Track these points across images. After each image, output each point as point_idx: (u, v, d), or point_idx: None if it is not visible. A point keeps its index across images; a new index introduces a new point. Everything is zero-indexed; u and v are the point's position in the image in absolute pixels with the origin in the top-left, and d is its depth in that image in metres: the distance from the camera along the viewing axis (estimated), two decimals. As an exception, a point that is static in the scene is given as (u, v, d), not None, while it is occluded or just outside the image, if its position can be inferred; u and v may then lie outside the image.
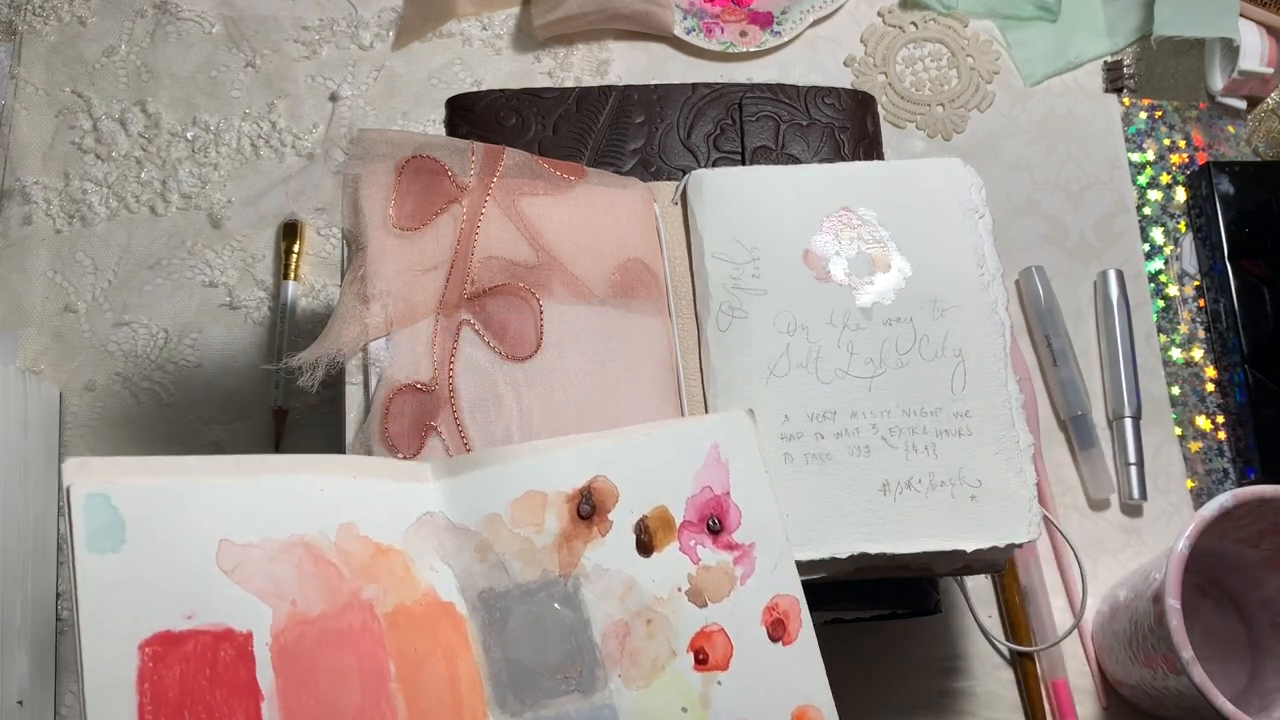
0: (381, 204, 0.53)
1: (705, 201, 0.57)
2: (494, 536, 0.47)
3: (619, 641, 0.46)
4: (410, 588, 0.45)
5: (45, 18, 0.75)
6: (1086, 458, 0.66)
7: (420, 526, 0.46)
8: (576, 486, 0.48)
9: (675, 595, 0.48)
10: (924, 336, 0.54)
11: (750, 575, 0.49)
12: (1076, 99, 0.76)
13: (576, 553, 0.47)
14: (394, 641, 0.43)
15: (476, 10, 0.76)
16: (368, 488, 0.45)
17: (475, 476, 0.47)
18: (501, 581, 0.46)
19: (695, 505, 0.49)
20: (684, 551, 0.48)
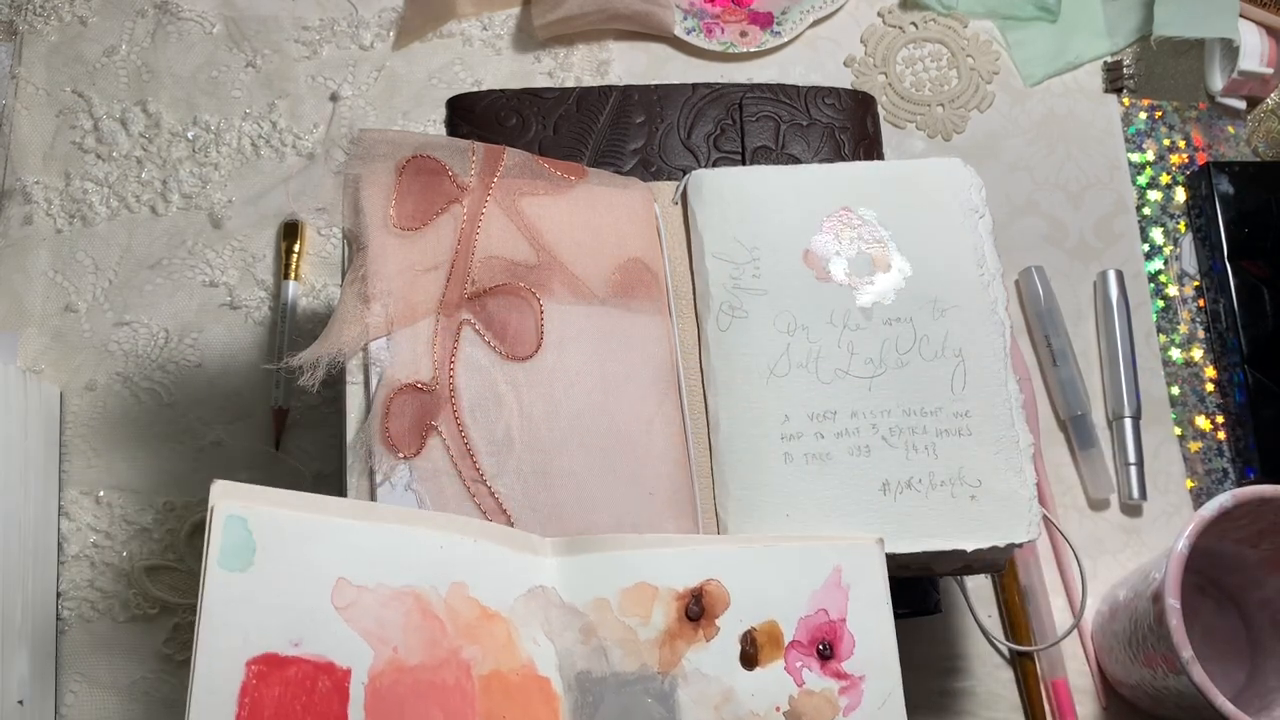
0: (382, 204, 0.53)
1: (705, 201, 0.57)
2: (600, 621, 0.47)
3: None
4: (510, 655, 0.45)
5: (46, 18, 0.75)
6: (1086, 458, 0.66)
7: (530, 598, 0.47)
8: (689, 586, 0.48)
9: (773, 714, 0.47)
10: (924, 336, 0.54)
11: (855, 708, 0.48)
12: (1076, 99, 0.76)
13: (679, 652, 0.47)
14: (484, 704, 0.44)
15: (476, 10, 0.76)
16: (485, 551, 0.46)
17: (592, 559, 0.48)
18: (600, 667, 0.46)
19: (808, 626, 0.48)
20: (789, 671, 0.48)
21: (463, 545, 0.46)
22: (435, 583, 0.45)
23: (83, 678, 0.60)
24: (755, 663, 0.47)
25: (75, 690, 0.60)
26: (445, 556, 0.45)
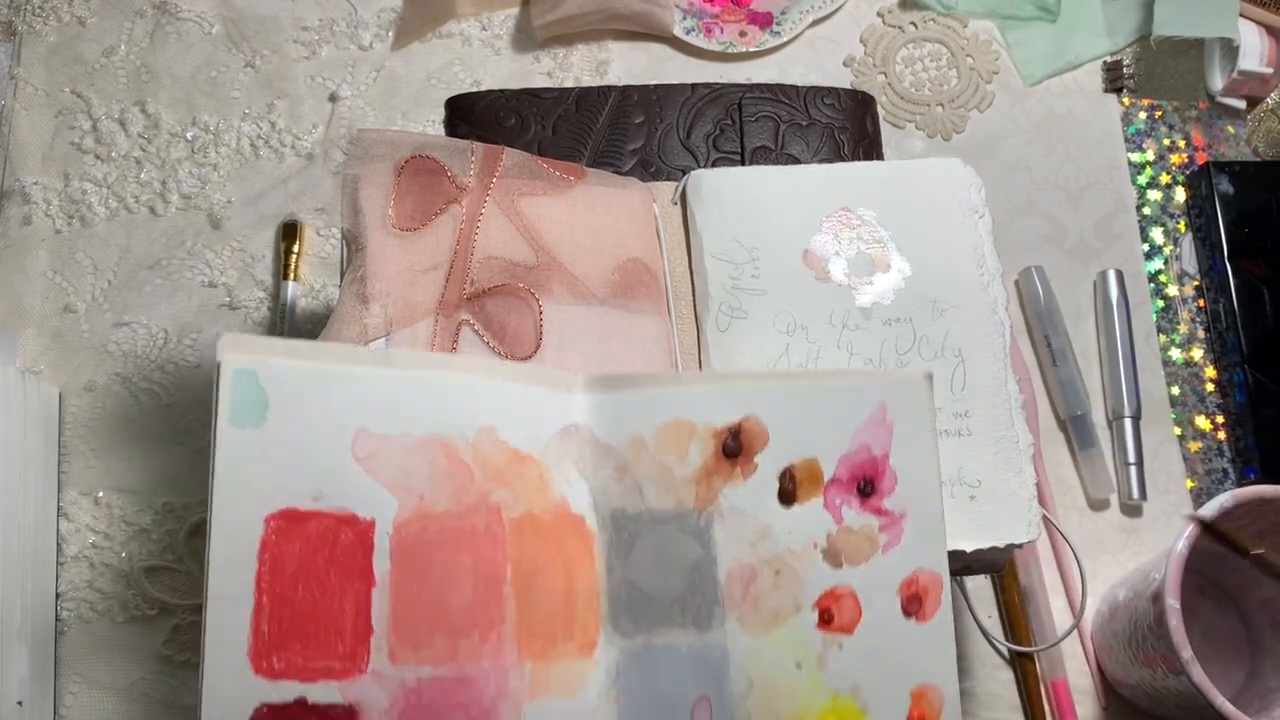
0: (381, 204, 0.53)
1: (705, 201, 0.57)
2: (635, 459, 0.46)
3: (743, 585, 0.46)
4: (542, 496, 0.45)
5: (45, 18, 0.75)
6: (1086, 458, 0.66)
7: (564, 437, 0.46)
8: (727, 423, 0.47)
9: (810, 551, 0.46)
10: (923, 336, 0.54)
11: (894, 545, 0.47)
12: (1076, 99, 0.76)
13: (715, 489, 0.46)
14: (515, 547, 0.43)
15: (476, 10, 0.76)
16: (513, 392, 0.45)
17: (627, 396, 0.47)
18: (635, 504, 0.46)
19: (848, 464, 0.47)
20: (827, 509, 0.47)
21: (490, 388, 0.45)
22: (462, 428, 0.44)
23: (82, 678, 0.60)
24: (794, 500, 0.47)
25: (74, 691, 0.60)
26: (472, 401, 0.44)
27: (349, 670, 0.40)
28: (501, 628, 0.43)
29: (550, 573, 0.44)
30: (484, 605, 0.42)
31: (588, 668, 0.44)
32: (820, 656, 0.46)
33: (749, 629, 0.46)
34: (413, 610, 0.41)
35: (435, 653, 0.41)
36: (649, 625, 0.45)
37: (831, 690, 0.46)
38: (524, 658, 0.43)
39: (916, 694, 0.46)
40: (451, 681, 0.41)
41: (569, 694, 0.44)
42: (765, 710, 0.45)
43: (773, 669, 0.46)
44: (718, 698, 0.45)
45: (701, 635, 0.45)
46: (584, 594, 0.45)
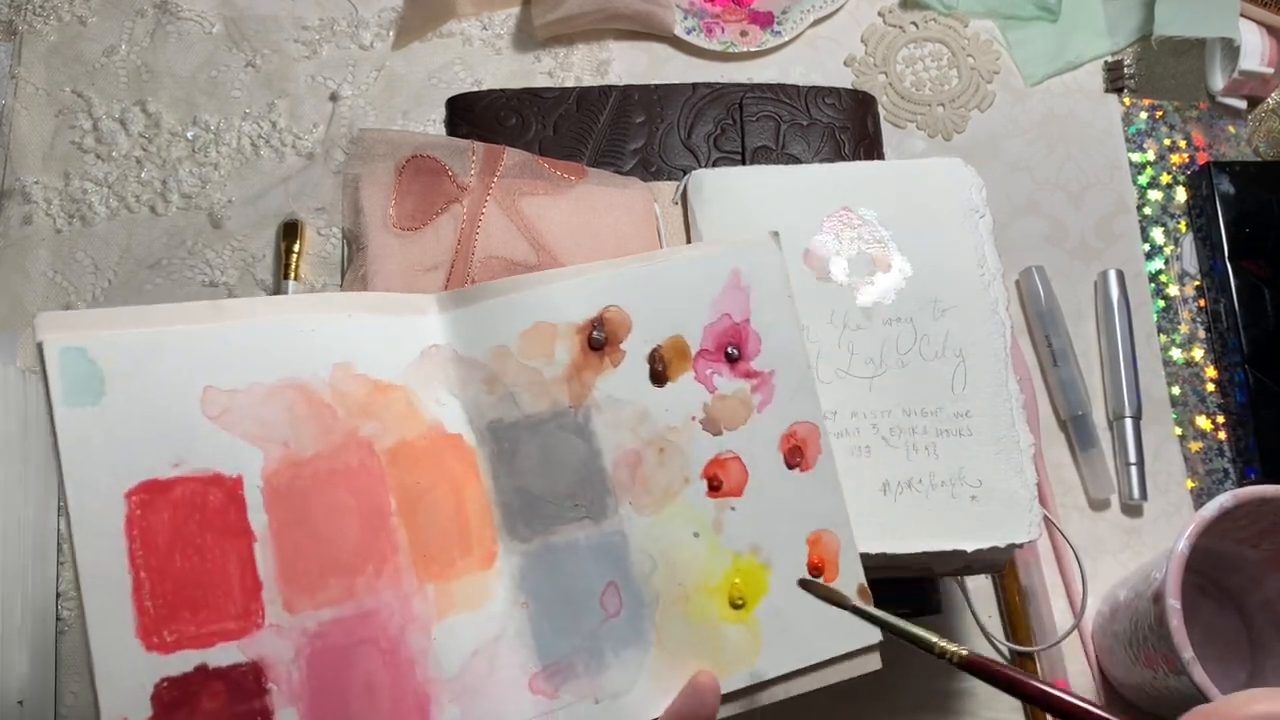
0: (382, 204, 0.53)
1: (705, 201, 0.57)
2: (502, 368, 0.46)
3: (630, 470, 0.47)
4: (413, 422, 0.45)
5: (45, 17, 0.75)
6: (1086, 458, 0.66)
7: (425, 361, 0.46)
8: (588, 317, 0.47)
9: (689, 424, 0.48)
10: (924, 336, 0.54)
11: (768, 403, 0.49)
12: (1077, 99, 0.76)
13: (588, 384, 0.47)
14: (395, 476, 0.43)
15: (476, 10, 0.76)
16: (364, 324, 0.45)
17: (483, 308, 0.47)
18: (510, 413, 0.46)
19: (712, 333, 0.49)
20: (699, 380, 0.48)
21: (337, 324, 0.44)
22: (315, 369, 0.43)
23: (83, 678, 0.60)
24: (666, 378, 0.48)
25: (75, 690, 0.60)
26: (321, 340, 0.44)
27: (246, 628, 0.40)
28: (395, 558, 0.42)
29: (436, 495, 0.44)
30: (373, 539, 0.42)
31: (491, 579, 0.45)
32: (715, 522, 0.47)
33: (643, 510, 0.47)
34: (300, 557, 0.41)
35: (332, 594, 0.41)
36: (545, 526, 0.46)
37: (731, 552, 0.47)
38: (424, 581, 0.43)
39: (812, 540, 0.48)
40: (354, 619, 0.41)
41: (476, 607, 0.44)
42: (671, 583, 0.46)
43: (672, 543, 0.47)
44: (624, 581, 0.46)
45: (598, 525, 0.46)
46: (475, 509, 0.45)
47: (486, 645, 0.44)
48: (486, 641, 0.44)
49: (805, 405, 0.49)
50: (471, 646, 0.43)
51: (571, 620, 0.45)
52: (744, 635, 0.47)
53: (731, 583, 0.47)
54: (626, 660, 0.45)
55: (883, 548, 0.50)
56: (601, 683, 0.45)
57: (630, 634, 0.46)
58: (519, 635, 0.45)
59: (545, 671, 0.44)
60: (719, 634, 0.47)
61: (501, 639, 0.44)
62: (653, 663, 0.45)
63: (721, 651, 0.46)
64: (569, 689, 0.44)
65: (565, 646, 0.45)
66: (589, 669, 0.45)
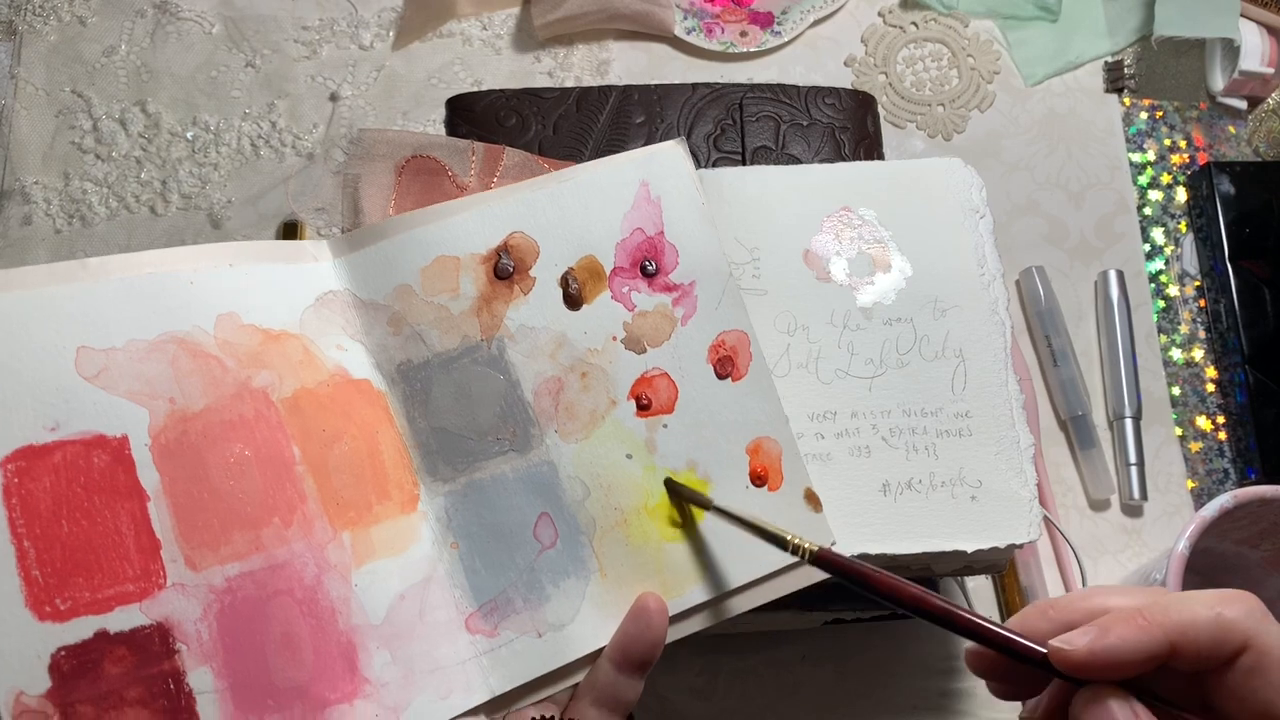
0: (381, 204, 0.53)
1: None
2: (406, 308, 0.45)
3: (552, 398, 0.46)
4: (312, 370, 0.43)
5: (45, 18, 0.75)
6: (1087, 458, 0.66)
7: (321, 307, 0.45)
8: (492, 246, 0.46)
9: (611, 345, 0.47)
10: (924, 336, 0.54)
11: (692, 315, 0.48)
12: (1077, 99, 0.76)
13: (498, 314, 0.46)
14: (297, 425, 0.42)
15: (476, 10, 0.76)
16: (250, 273, 0.44)
17: (379, 248, 0.45)
18: (420, 353, 0.45)
19: (626, 250, 0.47)
20: (617, 299, 0.47)
21: (218, 274, 0.43)
22: (198, 321, 0.42)
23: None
24: (581, 301, 0.47)
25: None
26: (200, 292, 0.42)
27: (147, 589, 0.39)
28: (304, 506, 0.42)
29: (345, 441, 0.43)
30: (277, 489, 0.41)
31: (414, 522, 0.44)
32: (648, 442, 0.46)
33: (570, 437, 0.46)
34: (199, 513, 0.40)
35: (237, 548, 0.40)
36: (468, 464, 0.45)
37: (668, 470, 0.46)
38: (338, 529, 0.42)
39: (752, 449, 0.47)
40: (265, 571, 0.40)
41: (399, 551, 0.43)
42: (607, 508, 0.45)
43: (604, 467, 0.46)
44: (556, 511, 0.45)
45: (524, 457, 0.45)
46: (390, 453, 0.44)
47: (414, 589, 0.43)
48: (414, 585, 0.43)
49: (731, 314, 0.48)
50: (397, 590, 0.43)
51: (505, 556, 0.44)
52: (688, 553, 0.46)
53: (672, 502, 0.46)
54: (567, 590, 0.44)
55: (883, 548, 0.50)
56: (543, 615, 0.44)
57: (569, 563, 0.45)
58: (450, 576, 0.44)
59: (482, 610, 0.44)
60: (662, 554, 0.45)
61: (431, 581, 0.43)
62: (595, 590, 0.45)
63: (666, 571, 0.45)
64: (509, 625, 0.44)
65: (501, 582, 0.44)
66: (528, 602, 0.44)
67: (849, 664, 0.62)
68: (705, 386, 0.47)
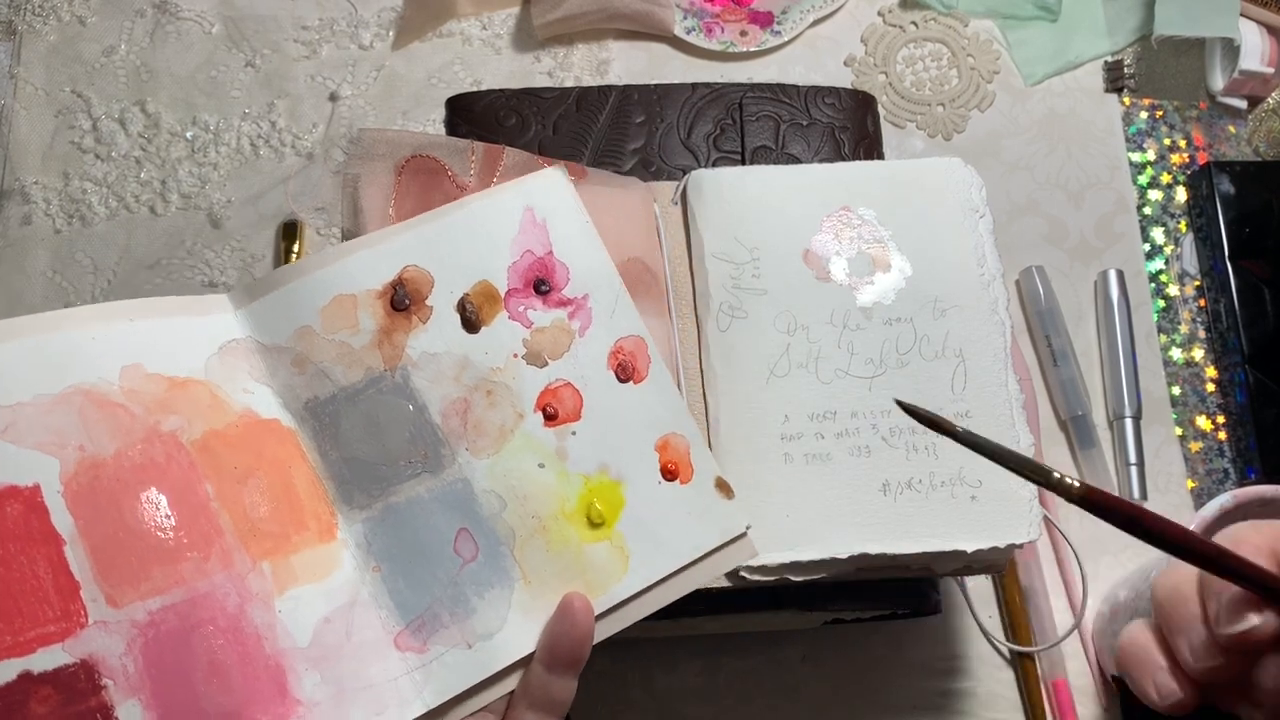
0: (381, 204, 0.53)
1: (705, 201, 0.57)
2: (309, 348, 0.47)
3: (460, 417, 0.47)
4: (221, 412, 0.45)
5: (45, 17, 0.75)
6: (1086, 458, 0.66)
7: (224, 354, 0.46)
8: (387, 281, 0.48)
9: (512, 362, 0.49)
10: (924, 336, 0.54)
11: (588, 326, 0.50)
12: (1077, 99, 0.76)
13: (399, 345, 0.48)
14: (208, 465, 0.43)
15: (476, 10, 0.76)
16: (152, 328, 0.45)
17: (277, 296, 0.47)
18: (325, 388, 0.47)
19: (518, 271, 0.50)
20: (514, 319, 0.49)
21: (120, 330, 0.44)
22: (102, 374, 0.43)
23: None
24: (479, 324, 0.49)
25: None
26: (103, 346, 0.44)
27: (68, 629, 0.40)
28: (221, 540, 0.43)
29: (259, 477, 0.44)
30: (193, 525, 0.42)
31: (334, 549, 0.45)
32: (558, 450, 0.48)
33: (481, 454, 0.47)
34: (116, 553, 0.41)
35: (157, 583, 0.41)
36: (383, 489, 0.46)
37: (581, 475, 0.48)
38: (257, 559, 0.43)
39: (660, 446, 0.49)
40: (186, 604, 0.41)
41: (322, 577, 0.44)
42: (525, 517, 0.47)
43: (518, 479, 0.47)
44: (475, 525, 0.46)
45: (437, 477, 0.46)
46: (304, 486, 0.45)
47: (338, 611, 0.44)
48: (338, 608, 0.44)
49: (625, 321, 0.50)
50: (322, 614, 0.44)
51: (428, 573, 0.45)
52: (609, 551, 0.47)
53: (588, 504, 0.48)
54: (493, 600, 0.45)
55: (883, 548, 0.50)
56: (471, 626, 0.45)
57: (492, 574, 0.46)
58: (375, 598, 0.45)
59: (410, 627, 0.45)
60: (584, 556, 0.47)
61: (356, 604, 0.44)
62: (521, 597, 0.46)
63: (589, 571, 0.47)
64: (438, 639, 0.45)
65: (426, 599, 0.45)
66: (455, 616, 0.45)
67: (849, 664, 0.62)
68: (608, 392, 0.49)
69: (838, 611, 0.56)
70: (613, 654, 0.61)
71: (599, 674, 0.61)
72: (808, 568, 0.50)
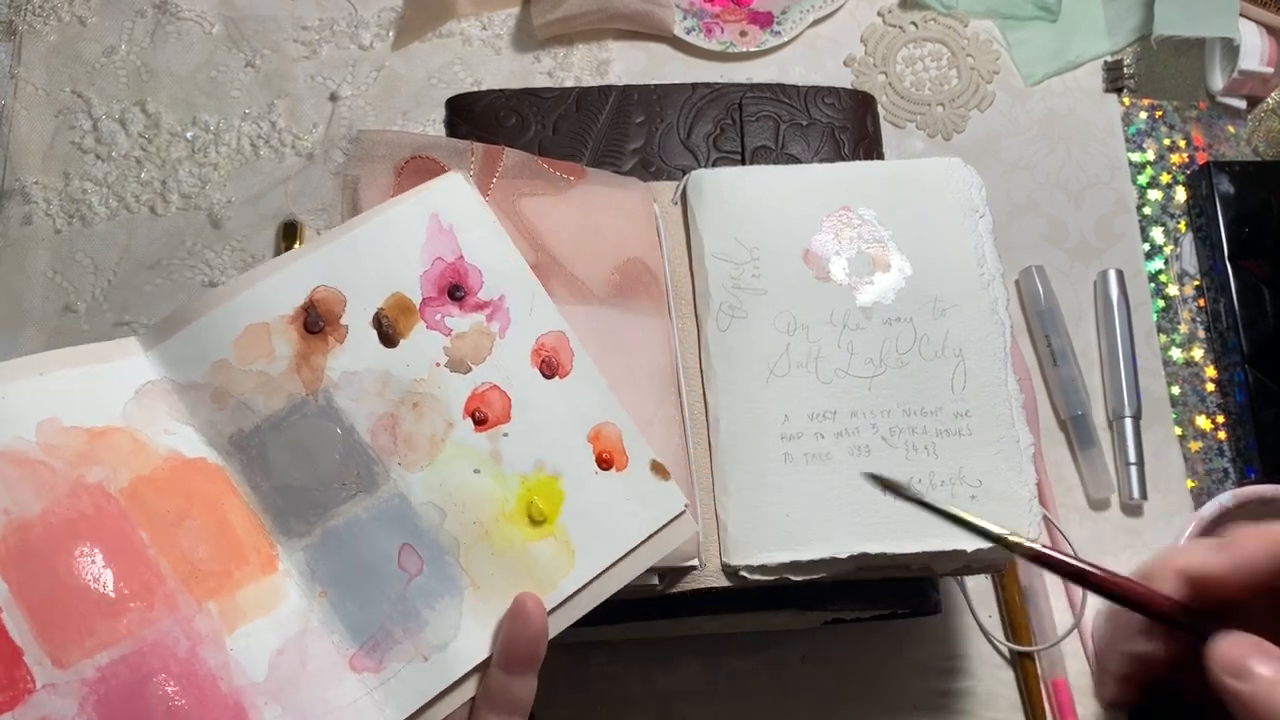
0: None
1: (705, 201, 0.57)
2: (226, 382, 0.46)
3: (389, 433, 0.47)
4: (145, 458, 0.44)
5: (45, 18, 0.75)
6: (1086, 458, 0.66)
7: (141, 398, 0.45)
8: (298, 304, 0.47)
9: (435, 371, 0.48)
10: (924, 336, 0.54)
11: (508, 327, 0.49)
12: (1076, 99, 0.76)
13: (318, 367, 0.47)
14: (139, 512, 0.43)
15: (476, 10, 0.76)
16: (62, 379, 0.44)
17: (187, 333, 0.46)
18: (249, 420, 0.46)
19: (431, 280, 0.49)
20: (432, 328, 0.48)
21: (29, 387, 0.43)
22: (17, 432, 0.42)
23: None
24: (398, 337, 0.48)
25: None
26: (14, 404, 0.43)
27: (16, 696, 0.39)
28: (162, 586, 0.42)
29: (193, 518, 0.44)
30: (132, 575, 0.42)
31: (278, 580, 0.44)
32: (492, 453, 0.48)
33: (414, 467, 0.47)
34: (56, 613, 0.40)
35: (102, 638, 0.40)
36: (319, 514, 0.45)
37: (518, 475, 0.48)
38: (202, 600, 0.42)
39: (593, 436, 0.49)
40: (136, 655, 0.41)
41: (269, 609, 0.44)
42: (467, 524, 0.46)
43: (455, 487, 0.47)
44: (417, 538, 0.46)
45: (373, 496, 0.46)
46: (240, 521, 0.45)
47: (290, 642, 0.44)
48: (290, 639, 0.44)
49: (544, 317, 0.50)
50: (275, 646, 0.43)
51: (375, 592, 0.45)
52: (554, 547, 0.47)
53: (527, 503, 0.47)
54: (443, 610, 0.45)
55: (883, 548, 0.50)
56: (425, 639, 0.45)
57: (440, 585, 0.46)
58: (325, 624, 0.44)
59: (364, 648, 0.44)
60: (529, 555, 0.47)
61: (307, 632, 0.44)
62: (472, 604, 0.46)
63: (537, 569, 0.47)
64: (393, 656, 0.44)
65: (376, 618, 0.45)
66: (408, 631, 0.45)
67: (849, 664, 0.62)
68: (535, 389, 0.49)
69: (838, 611, 0.56)
70: (612, 654, 0.61)
71: (599, 674, 0.61)
72: (808, 567, 0.50)
